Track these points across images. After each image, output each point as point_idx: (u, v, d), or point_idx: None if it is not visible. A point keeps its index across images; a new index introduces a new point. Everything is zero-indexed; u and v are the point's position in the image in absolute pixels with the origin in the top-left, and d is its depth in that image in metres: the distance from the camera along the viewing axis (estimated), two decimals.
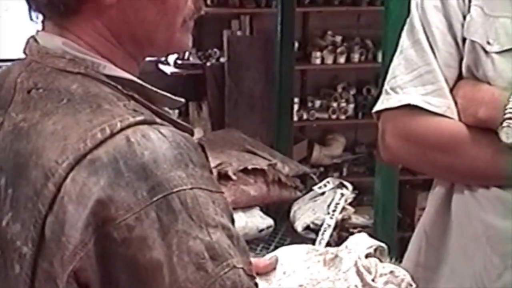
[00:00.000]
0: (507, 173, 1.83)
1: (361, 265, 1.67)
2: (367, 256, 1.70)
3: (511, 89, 1.81)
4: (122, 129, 1.24)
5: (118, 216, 1.20)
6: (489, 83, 1.84)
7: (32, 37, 1.41)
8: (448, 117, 1.86)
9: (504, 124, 1.78)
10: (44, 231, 1.25)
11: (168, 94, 1.41)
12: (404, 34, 1.94)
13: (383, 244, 1.73)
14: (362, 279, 1.66)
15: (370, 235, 1.79)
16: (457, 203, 1.94)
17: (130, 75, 1.37)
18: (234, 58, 6.50)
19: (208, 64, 6.72)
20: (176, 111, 6.54)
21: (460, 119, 1.86)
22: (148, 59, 1.52)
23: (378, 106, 1.94)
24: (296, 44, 6.33)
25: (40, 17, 1.40)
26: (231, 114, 6.48)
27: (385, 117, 1.93)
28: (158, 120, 1.30)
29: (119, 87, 1.33)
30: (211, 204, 1.25)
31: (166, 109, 1.43)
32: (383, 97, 1.94)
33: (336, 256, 1.71)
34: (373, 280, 1.66)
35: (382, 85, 1.96)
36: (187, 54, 6.75)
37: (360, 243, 1.73)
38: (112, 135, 1.23)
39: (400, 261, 2.09)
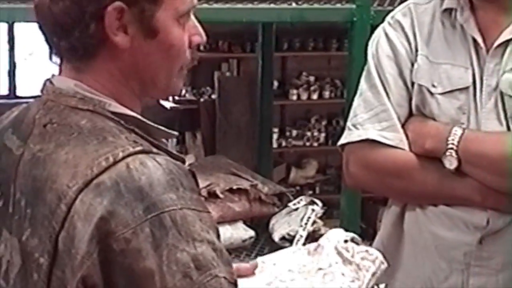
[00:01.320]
0: (452, 194, 1.84)
1: (340, 247, 1.67)
2: (345, 242, 1.70)
3: (452, 124, 1.82)
4: (123, 158, 1.24)
5: (118, 230, 1.20)
6: (434, 119, 1.85)
7: (48, 80, 1.40)
8: (401, 149, 1.86)
9: (447, 153, 1.79)
10: (58, 245, 1.25)
11: (164, 128, 1.40)
12: (362, 79, 1.94)
13: (357, 236, 1.73)
14: (341, 256, 1.66)
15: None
16: (409, 218, 1.94)
17: (132, 112, 1.36)
18: (224, 95, 6.52)
19: (202, 100, 6.74)
20: (175, 139, 6.55)
21: (411, 150, 1.86)
22: None
23: (342, 140, 1.94)
24: (276, 83, 6.37)
25: (58, 61, 1.39)
26: (221, 142, 6.48)
27: (348, 150, 1.93)
28: (154, 150, 1.30)
29: (122, 122, 1.32)
30: (198, 222, 1.25)
31: (163, 140, 1.42)
32: (346, 132, 1.93)
33: (318, 245, 1.71)
34: (351, 257, 1.67)
35: (347, 118, 1.97)
36: (183, 91, 6.77)
37: (338, 234, 1.73)
38: (115, 162, 1.24)
39: None
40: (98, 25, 1.29)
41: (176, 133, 1.45)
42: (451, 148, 1.78)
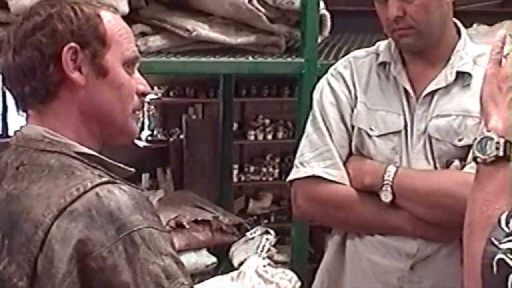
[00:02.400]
0: (387, 224, 1.84)
1: (261, 270, 1.68)
2: (264, 266, 1.70)
3: (387, 163, 1.83)
4: (92, 188, 1.26)
5: (95, 250, 1.22)
6: (371, 159, 1.86)
7: (18, 130, 1.41)
8: (342, 184, 1.87)
9: (383, 188, 1.80)
10: (37, 267, 1.25)
11: (121, 165, 1.41)
12: (308, 122, 1.94)
13: (272, 262, 1.75)
14: (263, 278, 1.67)
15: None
16: (350, 247, 1.93)
17: (92, 151, 1.37)
18: (190, 135, 6.50)
19: (171, 139, 6.71)
20: (147, 174, 6.50)
21: (351, 185, 1.87)
22: None
23: (291, 177, 1.94)
24: (236, 125, 6.37)
25: (24, 114, 1.41)
26: (188, 177, 6.44)
27: (296, 185, 1.93)
28: (118, 180, 1.32)
29: (85, 160, 1.34)
30: (162, 238, 1.28)
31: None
32: (294, 170, 1.93)
33: (240, 272, 1.72)
34: (271, 277, 1.67)
35: None
36: (155, 131, 6.74)
37: (257, 260, 1.73)
38: (85, 192, 1.26)
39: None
40: (57, 65, 1.32)
41: (132, 169, 1.44)
42: (387, 184, 1.79)
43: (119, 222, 1.24)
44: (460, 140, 1.79)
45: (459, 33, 1.88)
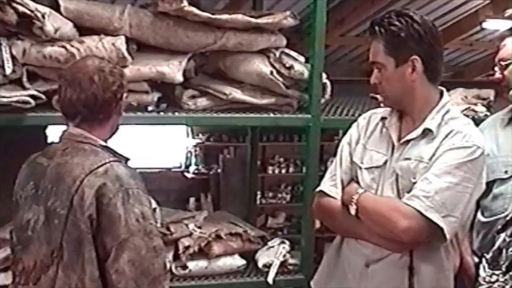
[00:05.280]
0: (357, 230, 1.86)
1: None
2: None
3: (366, 188, 1.86)
4: (108, 162, 1.67)
5: (106, 193, 1.61)
6: (359, 184, 1.89)
7: (65, 130, 1.78)
8: (335, 199, 1.90)
9: (351, 204, 1.84)
10: (73, 202, 1.63)
11: (122, 153, 1.76)
12: (336, 156, 1.99)
13: None
14: None
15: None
16: (344, 245, 1.96)
17: (107, 144, 1.76)
18: (225, 170, 6.53)
19: (211, 172, 6.73)
20: (193, 198, 6.49)
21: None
22: (176, 170, 1.74)
23: (316, 189, 1.98)
24: (259, 162, 6.36)
25: (69, 122, 1.79)
26: (223, 200, 6.46)
27: (316, 195, 1.98)
28: (122, 160, 1.72)
29: (104, 149, 1.73)
30: (143, 196, 1.66)
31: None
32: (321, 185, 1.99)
33: None
34: None
35: (304, 185, 1.98)
36: (200, 167, 6.75)
37: None
38: (105, 163, 1.67)
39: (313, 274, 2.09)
40: (117, 105, 1.76)
41: (128, 156, 1.79)
42: (353, 201, 1.83)
43: (121, 181, 1.62)
44: (414, 178, 1.80)
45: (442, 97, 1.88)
